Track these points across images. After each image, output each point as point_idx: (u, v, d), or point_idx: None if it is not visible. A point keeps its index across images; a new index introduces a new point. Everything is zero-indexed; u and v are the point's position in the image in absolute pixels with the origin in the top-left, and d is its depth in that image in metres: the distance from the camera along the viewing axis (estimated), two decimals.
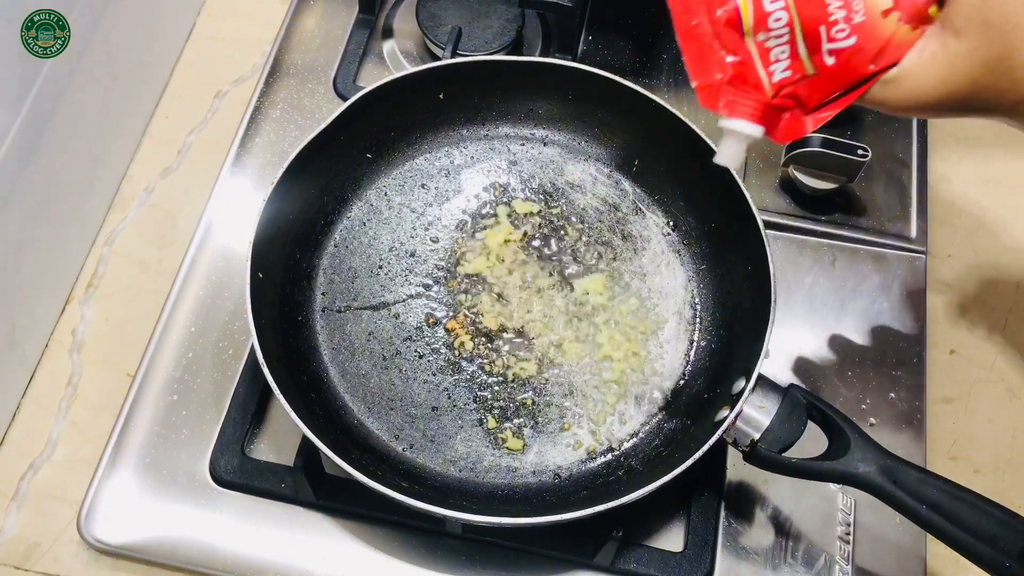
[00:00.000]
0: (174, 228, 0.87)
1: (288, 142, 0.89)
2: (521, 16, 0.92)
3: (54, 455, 0.76)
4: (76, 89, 0.79)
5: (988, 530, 0.60)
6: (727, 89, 0.59)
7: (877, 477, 0.62)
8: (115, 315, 0.83)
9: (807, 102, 0.59)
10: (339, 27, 0.95)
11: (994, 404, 0.81)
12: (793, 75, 0.57)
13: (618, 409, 0.74)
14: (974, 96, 0.54)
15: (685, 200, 0.82)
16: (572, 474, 0.72)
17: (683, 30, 0.59)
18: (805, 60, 0.57)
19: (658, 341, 0.77)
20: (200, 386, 0.77)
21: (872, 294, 0.83)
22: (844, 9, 0.55)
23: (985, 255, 0.87)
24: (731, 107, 0.59)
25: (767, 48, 0.57)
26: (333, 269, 0.79)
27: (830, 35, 0.56)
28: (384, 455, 0.72)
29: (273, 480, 0.73)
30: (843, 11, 0.55)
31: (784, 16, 0.56)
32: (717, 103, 0.59)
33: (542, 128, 0.85)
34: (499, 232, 0.81)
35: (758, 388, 0.66)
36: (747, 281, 0.73)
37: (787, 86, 0.58)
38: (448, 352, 0.76)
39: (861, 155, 0.81)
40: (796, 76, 0.57)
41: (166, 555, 0.71)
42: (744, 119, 0.59)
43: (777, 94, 0.58)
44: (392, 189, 0.83)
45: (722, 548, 0.72)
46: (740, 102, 0.59)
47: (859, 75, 0.57)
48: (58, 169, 0.79)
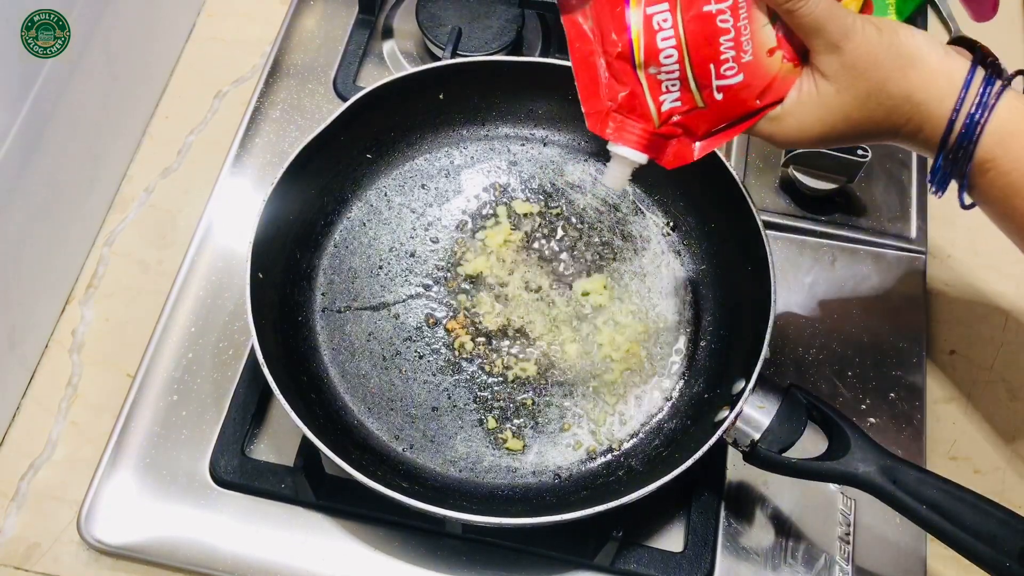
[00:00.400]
0: (174, 228, 0.87)
1: (288, 142, 0.89)
2: (521, 16, 0.92)
3: (54, 455, 0.76)
4: (76, 89, 0.79)
5: (988, 530, 0.60)
6: (615, 116, 0.61)
7: (877, 477, 0.62)
8: (115, 315, 0.83)
9: (695, 131, 0.62)
10: (339, 27, 0.96)
11: (994, 404, 0.81)
12: (683, 106, 0.60)
13: (618, 409, 0.74)
14: (853, 128, 0.59)
15: (685, 200, 0.82)
16: (572, 474, 0.72)
17: (577, 57, 0.61)
18: (696, 94, 0.60)
19: (658, 342, 0.77)
20: (200, 386, 0.77)
21: (872, 294, 0.83)
22: (734, 49, 0.58)
23: (985, 255, 0.87)
24: (618, 134, 0.62)
25: (658, 80, 0.59)
26: (333, 269, 0.79)
27: (719, 72, 0.59)
28: (384, 455, 0.72)
29: (273, 480, 0.73)
30: (733, 51, 0.58)
31: (674, 53, 0.58)
32: (605, 129, 0.62)
33: (542, 128, 0.85)
34: (499, 232, 0.81)
35: (758, 388, 0.66)
36: (747, 281, 0.73)
37: (676, 115, 0.61)
38: (448, 352, 0.76)
39: (861, 155, 0.81)
40: (686, 107, 0.60)
41: (166, 555, 0.71)
42: (629, 146, 0.61)
43: (664, 123, 0.61)
44: (392, 189, 0.83)
45: (722, 548, 0.72)
46: (627, 130, 0.61)
47: (747, 109, 0.60)
48: (58, 169, 0.78)
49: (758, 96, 0.59)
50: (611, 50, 0.59)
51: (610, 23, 0.59)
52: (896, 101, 0.57)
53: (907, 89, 0.57)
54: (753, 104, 0.60)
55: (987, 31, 0.65)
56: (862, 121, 0.59)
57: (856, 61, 0.57)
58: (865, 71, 0.57)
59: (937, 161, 0.59)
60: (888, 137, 0.60)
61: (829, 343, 0.81)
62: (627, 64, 0.59)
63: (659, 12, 0.58)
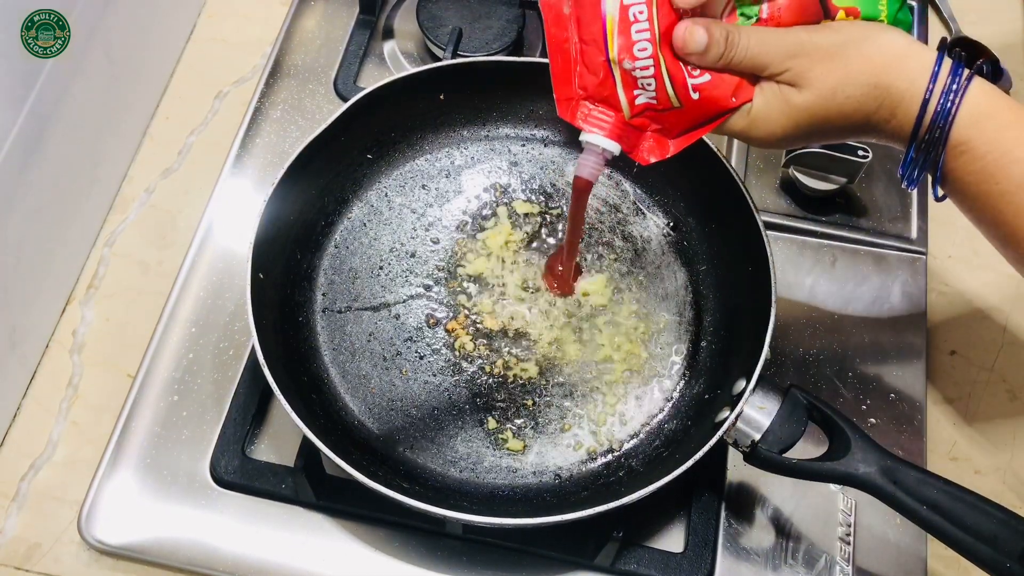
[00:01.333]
0: (174, 229, 0.87)
1: (289, 143, 0.89)
2: (522, 17, 0.92)
3: (55, 456, 0.76)
4: (76, 90, 0.79)
5: (988, 531, 0.60)
6: (585, 105, 0.61)
7: (877, 478, 0.62)
8: (115, 316, 0.83)
9: (671, 129, 0.61)
10: (340, 28, 0.96)
11: (994, 404, 0.81)
12: (659, 104, 0.60)
13: (619, 410, 0.74)
14: (824, 124, 0.59)
15: (686, 201, 0.82)
16: (573, 475, 0.72)
17: (553, 43, 0.61)
18: (671, 93, 0.59)
19: (659, 342, 0.77)
20: (201, 387, 0.77)
21: (872, 295, 0.83)
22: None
23: (985, 255, 0.87)
24: (588, 122, 0.61)
25: (632, 77, 0.59)
26: (334, 270, 0.79)
27: (690, 72, 0.58)
28: (385, 456, 0.72)
29: (274, 481, 0.73)
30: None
31: (649, 47, 0.58)
32: (575, 117, 0.61)
33: (543, 129, 0.85)
34: (500, 233, 0.81)
35: (758, 389, 0.66)
36: (748, 282, 0.73)
37: (650, 111, 0.60)
38: (449, 353, 0.76)
39: (861, 156, 0.81)
40: (661, 106, 0.60)
41: (167, 556, 0.71)
42: (600, 134, 0.61)
43: (637, 115, 0.60)
44: (393, 190, 0.83)
45: (722, 549, 0.72)
46: (597, 118, 0.61)
47: (722, 107, 0.59)
48: (58, 170, 0.79)
49: (732, 94, 0.59)
50: (586, 38, 0.59)
51: (587, 10, 0.58)
52: (864, 89, 0.57)
53: (874, 75, 0.57)
54: (729, 102, 0.59)
55: (987, 31, 0.66)
56: (832, 116, 0.58)
57: (812, 67, 0.57)
58: (825, 72, 0.57)
59: (909, 150, 0.58)
60: (860, 130, 0.60)
61: (830, 344, 0.81)
62: (600, 53, 0.59)
63: (636, 4, 0.57)
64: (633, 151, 0.62)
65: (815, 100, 0.58)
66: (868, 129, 0.59)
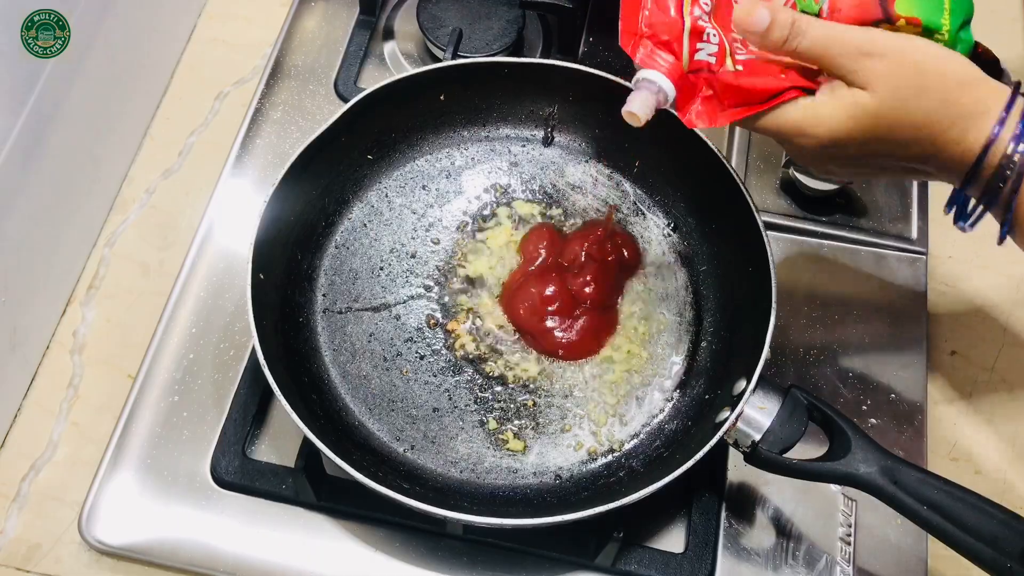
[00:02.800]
0: (175, 229, 0.87)
1: (289, 143, 0.89)
2: (522, 17, 0.92)
3: (55, 456, 0.76)
4: (77, 90, 0.79)
5: (989, 531, 0.60)
6: (647, 43, 0.60)
7: (878, 478, 0.62)
8: (116, 316, 0.83)
9: (722, 98, 0.60)
10: (340, 29, 0.96)
11: (995, 405, 0.81)
12: (716, 63, 0.59)
13: (619, 410, 0.74)
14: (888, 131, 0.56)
15: (686, 201, 0.82)
16: (573, 475, 0.72)
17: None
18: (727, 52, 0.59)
19: (659, 342, 0.77)
20: (201, 387, 0.77)
21: (873, 295, 0.83)
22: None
23: (985, 256, 0.87)
24: (647, 59, 0.60)
25: (700, 27, 0.59)
26: (334, 270, 0.79)
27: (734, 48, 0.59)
28: (385, 456, 0.72)
29: (274, 481, 0.73)
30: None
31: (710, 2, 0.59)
32: (635, 52, 0.61)
33: (543, 129, 0.85)
34: (500, 233, 0.81)
35: (759, 389, 0.66)
36: (748, 282, 0.73)
37: (706, 72, 0.60)
38: (449, 353, 0.76)
39: None
40: (719, 64, 0.59)
41: (167, 556, 0.71)
42: (658, 71, 0.60)
43: (693, 72, 0.60)
44: (393, 190, 0.83)
45: (723, 549, 0.72)
46: (656, 57, 0.60)
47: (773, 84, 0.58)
48: (59, 170, 0.79)
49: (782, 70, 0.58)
50: None
51: None
52: (936, 104, 0.54)
53: (948, 91, 0.54)
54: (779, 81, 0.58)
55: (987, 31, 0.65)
56: (898, 125, 0.55)
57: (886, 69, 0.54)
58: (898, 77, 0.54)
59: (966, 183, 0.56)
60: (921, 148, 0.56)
61: (830, 344, 0.81)
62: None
63: None
64: (682, 109, 0.61)
65: (884, 103, 0.55)
66: (929, 149, 0.56)
